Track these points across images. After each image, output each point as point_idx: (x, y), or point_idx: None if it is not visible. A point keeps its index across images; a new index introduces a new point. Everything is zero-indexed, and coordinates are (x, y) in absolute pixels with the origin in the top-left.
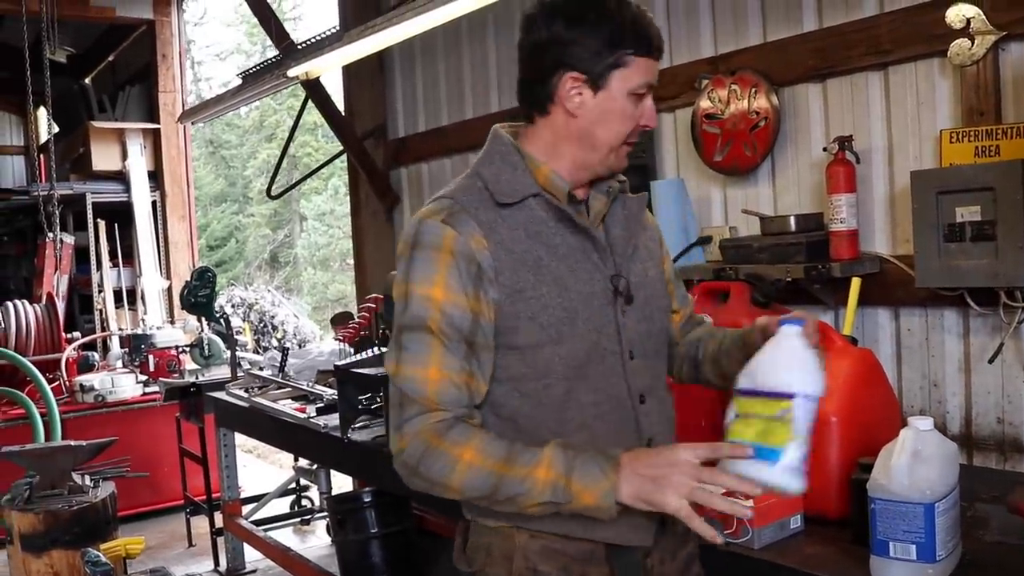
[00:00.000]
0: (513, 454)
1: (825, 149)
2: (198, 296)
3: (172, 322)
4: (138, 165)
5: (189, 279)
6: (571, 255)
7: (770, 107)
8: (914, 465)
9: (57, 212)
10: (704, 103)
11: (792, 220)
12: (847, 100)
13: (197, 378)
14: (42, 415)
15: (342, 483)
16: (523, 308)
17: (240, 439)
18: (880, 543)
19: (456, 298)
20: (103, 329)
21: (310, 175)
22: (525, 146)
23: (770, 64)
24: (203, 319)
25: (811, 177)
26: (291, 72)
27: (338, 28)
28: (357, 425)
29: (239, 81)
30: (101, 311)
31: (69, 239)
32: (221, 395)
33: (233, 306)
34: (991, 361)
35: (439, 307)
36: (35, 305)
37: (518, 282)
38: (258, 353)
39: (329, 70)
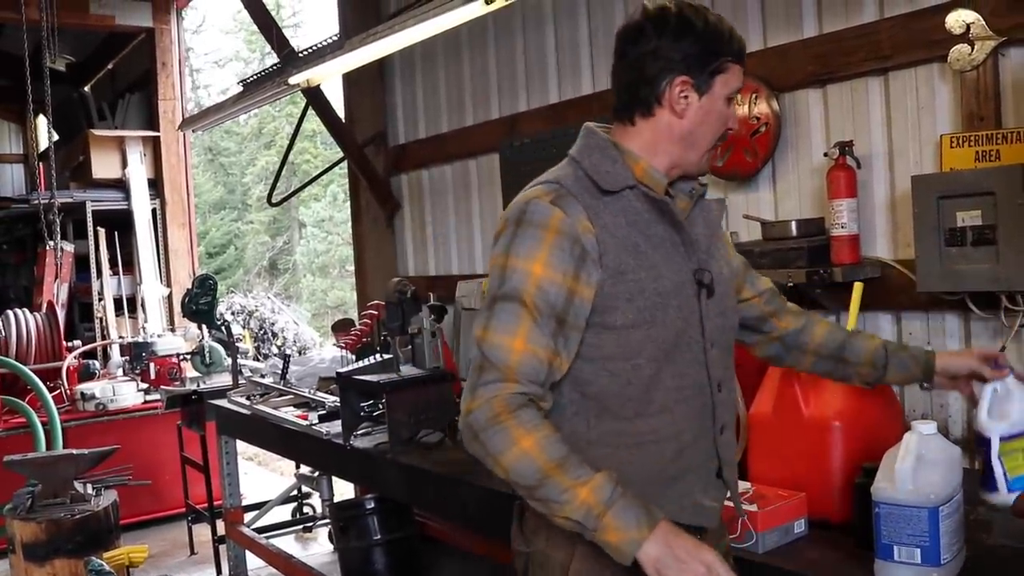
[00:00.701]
0: (567, 462)
1: (826, 154)
2: (199, 304)
3: (173, 330)
4: (138, 173)
5: (190, 287)
6: (663, 245)
7: (770, 112)
8: (918, 469)
9: (58, 220)
10: None
11: (793, 225)
12: (847, 105)
13: (198, 386)
14: (43, 424)
15: (344, 490)
16: (623, 289)
17: (241, 446)
18: (884, 547)
19: (555, 276)
20: (103, 337)
21: (310, 182)
22: (622, 143)
23: (770, 70)
24: (204, 327)
25: (812, 182)
26: (292, 80)
27: (338, 35)
28: (359, 432)
29: (239, 88)
30: (101, 319)
31: (69, 247)
32: (223, 403)
33: (233, 313)
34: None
35: (537, 282)
36: (35, 314)
37: (620, 264)
38: (259, 360)
39: (330, 78)
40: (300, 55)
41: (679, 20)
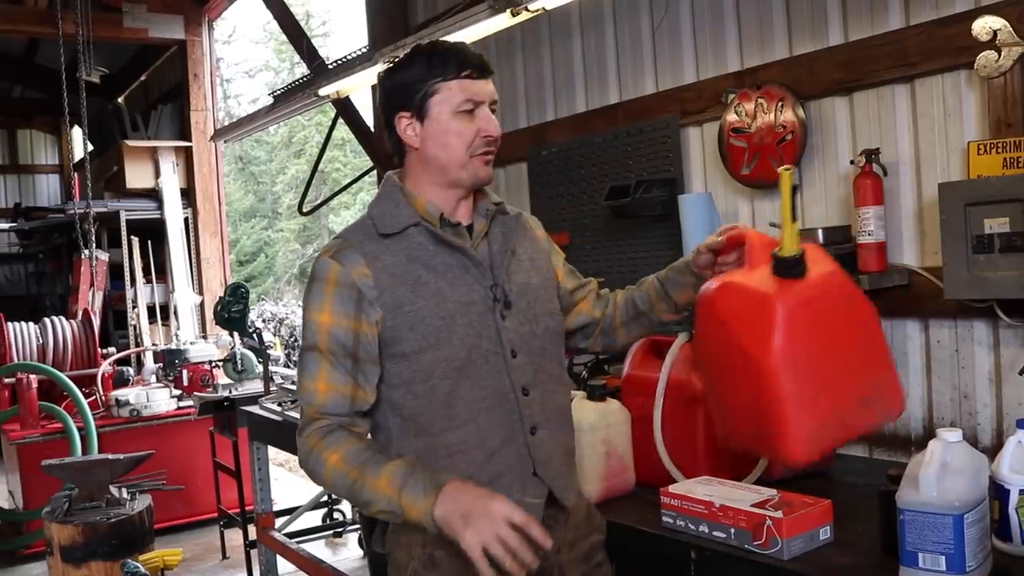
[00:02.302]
0: (367, 464)
1: (852, 162)
2: (232, 311)
3: (205, 337)
4: (170, 183)
5: (222, 295)
6: (450, 271)
7: (796, 120)
8: (943, 476)
9: (92, 229)
10: (731, 117)
11: (819, 233)
12: (874, 113)
13: (230, 392)
14: (79, 429)
15: None
16: (403, 321)
17: (273, 452)
18: (909, 554)
19: (339, 321)
20: (137, 344)
21: (341, 191)
22: (406, 184)
23: (796, 78)
24: (236, 334)
25: (839, 190)
26: (322, 91)
27: (367, 47)
28: None
29: (270, 99)
30: (135, 327)
31: (104, 256)
32: (254, 409)
33: (264, 321)
34: (1022, 372)
35: (326, 330)
36: (71, 321)
37: (397, 299)
38: (289, 367)
39: (359, 89)
40: (330, 67)
41: (393, 65)
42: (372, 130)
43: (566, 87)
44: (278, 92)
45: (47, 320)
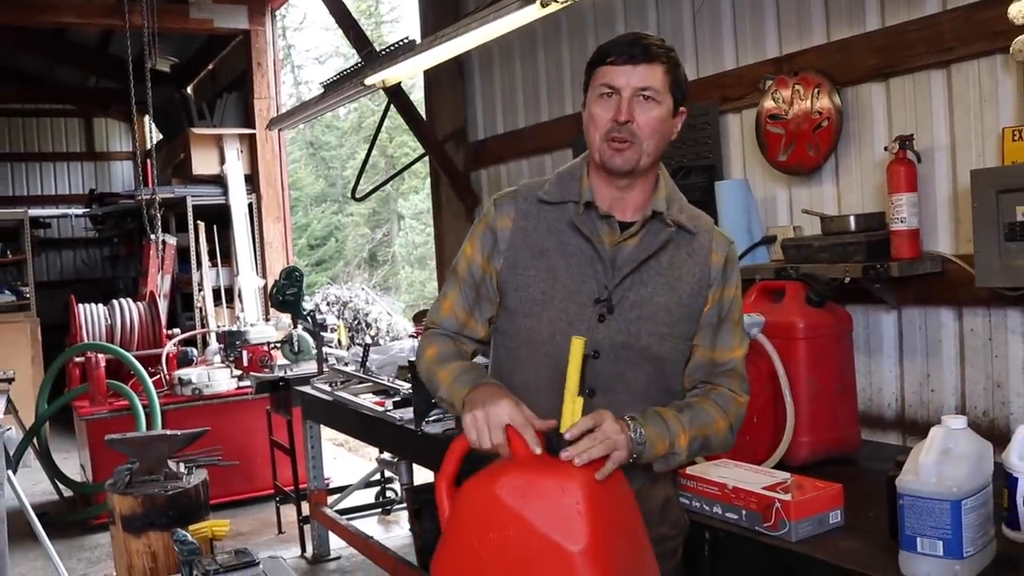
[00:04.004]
0: (446, 360)
1: (886, 148)
2: (287, 294)
3: (267, 319)
4: (235, 169)
5: (278, 278)
6: (576, 256)
7: (832, 107)
8: (943, 463)
9: (159, 215)
10: (768, 103)
11: (852, 220)
12: (910, 99)
13: (286, 373)
14: (144, 406)
15: (425, 475)
16: (511, 279)
17: (331, 433)
18: (908, 538)
19: (477, 257)
20: (203, 326)
21: (393, 177)
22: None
23: (833, 64)
24: (293, 316)
25: (875, 177)
26: (368, 80)
27: (420, 33)
28: (431, 418)
29: (322, 89)
30: (201, 309)
31: (171, 240)
32: (307, 389)
33: (328, 304)
34: None
35: (467, 260)
36: (139, 303)
37: (517, 260)
38: (352, 347)
39: (405, 77)
40: (379, 54)
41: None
42: (423, 117)
43: None
44: (329, 81)
45: (115, 302)
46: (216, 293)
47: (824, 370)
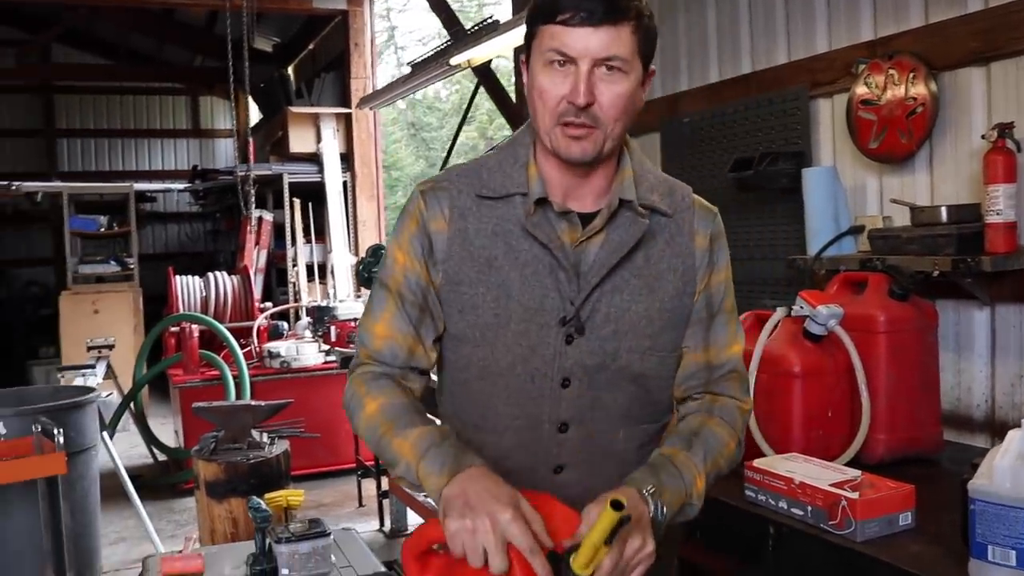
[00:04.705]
0: (399, 421)
1: (984, 137)
2: (372, 271)
3: (358, 296)
4: (331, 147)
5: (365, 255)
6: (532, 264)
7: (928, 93)
8: (1020, 467)
9: (253, 191)
10: (860, 89)
11: (943, 211)
12: (1012, 84)
13: None
14: (234, 377)
15: None
16: (456, 300)
17: None
18: (979, 546)
19: (414, 265)
20: (295, 301)
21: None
22: (538, 143)
23: (930, 47)
24: None
25: (971, 166)
26: (453, 60)
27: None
28: None
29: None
30: (294, 284)
31: (268, 216)
32: None
33: None
34: None
35: (401, 269)
36: (233, 276)
37: (459, 275)
38: None
39: (491, 56)
40: (466, 33)
41: None
42: (512, 99)
43: (699, 56)
44: (416, 61)
45: (210, 275)
46: (309, 269)
47: (905, 366)
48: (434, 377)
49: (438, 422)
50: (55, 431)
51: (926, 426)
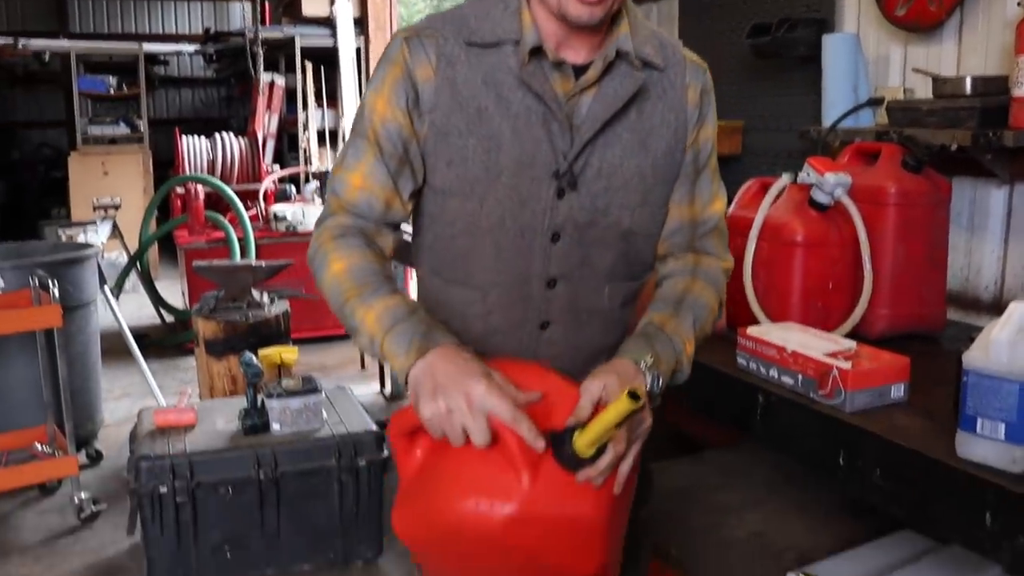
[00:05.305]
0: (366, 288)
1: (1020, 3)
2: None
3: None
4: (344, 11)
5: None
6: (524, 115)
7: None
8: (1018, 342)
9: (261, 52)
10: None
11: (968, 82)
12: None
13: None
14: (239, 239)
15: None
16: (443, 151)
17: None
18: (968, 418)
19: (395, 114)
20: (306, 166)
21: None
22: None
23: None
24: None
25: (1003, 37)
26: None
27: None
28: None
29: None
30: (305, 150)
31: (280, 80)
32: None
33: None
34: None
35: (380, 119)
36: (240, 139)
37: (447, 125)
38: None
39: None
40: None
41: None
42: None
43: None
44: None
45: (218, 136)
46: (321, 135)
47: (913, 241)
48: (407, 229)
49: (413, 283)
50: (51, 284)
51: (930, 304)
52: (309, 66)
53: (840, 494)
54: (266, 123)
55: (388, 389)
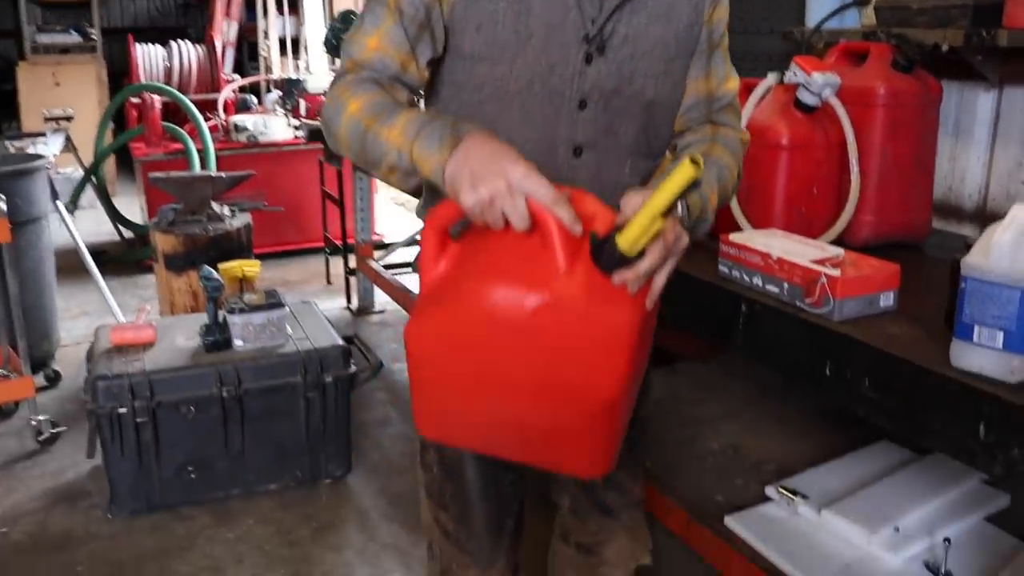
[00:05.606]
0: (384, 112)
1: None
2: (341, 38)
3: (333, 69)
4: None
5: (334, 21)
6: None
7: None
8: (1020, 246)
9: None
10: None
11: None
12: None
13: None
14: (199, 151)
15: None
16: (473, 15)
17: (392, 192)
18: (964, 326)
19: None
20: (267, 75)
21: None
22: None
23: None
24: None
25: None
26: None
27: None
28: None
29: None
30: (265, 58)
31: None
32: None
33: None
34: None
35: None
36: (197, 46)
37: None
38: None
39: None
40: None
41: None
42: None
43: None
44: None
45: (173, 44)
46: (282, 43)
47: (902, 144)
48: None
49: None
50: None
51: (916, 210)
52: None
53: (817, 406)
54: (225, 31)
55: (355, 304)
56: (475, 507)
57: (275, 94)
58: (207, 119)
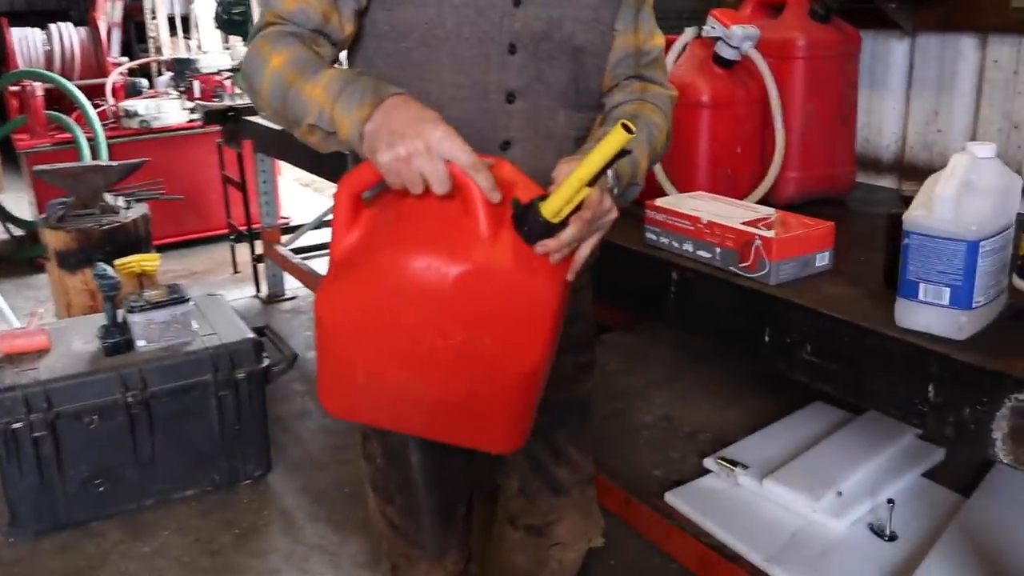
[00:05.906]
0: (308, 68)
1: None
2: (233, 13)
3: (227, 47)
4: None
5: None
6: None
7: None
8: (963, 196)
9: None
10: None
11: None
12: None
13: (235, 102)
14: (89, 140)
15: None
16: None
17: (297, 173)
18: (909, 284)
19: None
20: (157, 56)
21: None
22: None
23: None
24: (243, 40)
25: None
26: None
27: None
28: None
29: None
30: (154, 39)
31: None
32: (258, 119)
33: None
34: None
35: None
36: (79, 28)
37: None
38: None
39: None
40: None
41: None
42: None
43: None
44: None
45: (52, 27)
46: (172, 22)
47: (823, 96)
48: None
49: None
50: None
51: (840, 164)
52: None
53: (749, 369)
54: (109, 12)
55: (264, 292)
56: (422, 496)
57: (167, 76)
58: (96, 105)
